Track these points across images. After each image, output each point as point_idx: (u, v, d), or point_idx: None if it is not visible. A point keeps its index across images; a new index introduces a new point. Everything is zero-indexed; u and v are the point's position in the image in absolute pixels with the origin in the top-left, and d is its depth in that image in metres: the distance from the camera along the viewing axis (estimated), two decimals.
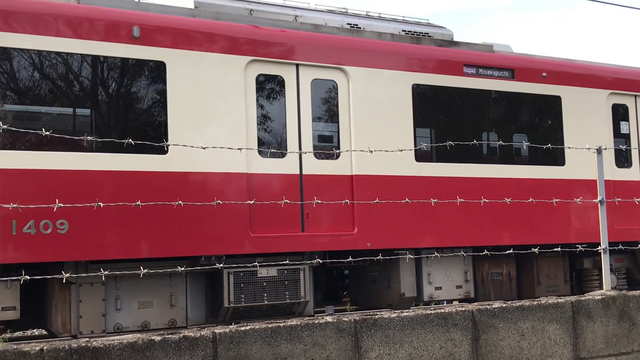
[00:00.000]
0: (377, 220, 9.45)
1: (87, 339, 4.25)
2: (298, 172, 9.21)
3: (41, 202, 7.00)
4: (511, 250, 6.89)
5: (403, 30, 10.72)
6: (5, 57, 7.86)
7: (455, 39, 11.18)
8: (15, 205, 3.89)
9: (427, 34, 10.90)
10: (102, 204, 4.32)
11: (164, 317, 8.53)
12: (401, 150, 6.49)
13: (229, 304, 8.54)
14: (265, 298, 8.79)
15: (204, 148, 5.01)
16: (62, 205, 4.16)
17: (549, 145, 7.24)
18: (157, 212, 8.04)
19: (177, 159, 8.35)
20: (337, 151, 9.21)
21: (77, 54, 8.15)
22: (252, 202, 5.32)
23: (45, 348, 4.05)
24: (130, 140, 4.58)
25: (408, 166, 9.78)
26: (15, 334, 9.91)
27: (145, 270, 4.50)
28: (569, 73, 11.42)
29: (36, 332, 11.16)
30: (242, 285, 8.66)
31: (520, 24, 53.83)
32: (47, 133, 4.23)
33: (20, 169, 7.62)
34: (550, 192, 10.43)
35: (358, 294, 10.82)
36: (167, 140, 8.10)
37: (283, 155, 9.05)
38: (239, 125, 8.81)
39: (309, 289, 9.14)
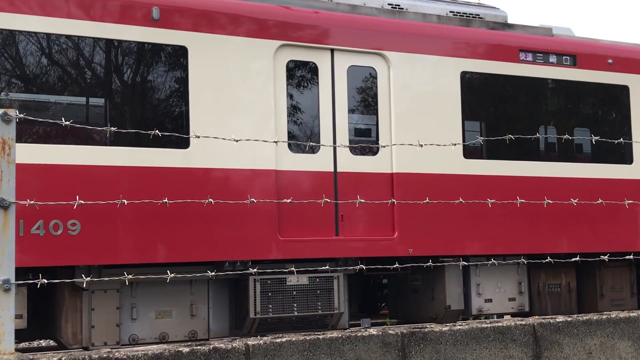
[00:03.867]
0: (419, 224, 9.44)
1: (109, 350, 4.33)
2: (332, 169, 9.24)
3: (50, 199, 7.11)
4: (577, 258, 6.81)
5: (451, 12, 10.70)
6: (11, 41, 8.00)
7: (510, 21, 11.15)
8: (32, 202, 3.98)
9: (478, 15, 10.87)
10: (126, 202, 4.39)
11: (183, 328, 8.63)
12: (454, 145, 6.48)
13: (255, 315, 8.60)
14: (295, 309, 8.85)
15: (237, 141, 5.06)
16: (82, 202, 4.24)
17: (621, 139, 7.17)
18: (178, 212, 8.12)
19: (200, 153, 8.42)
20: (379, 145, 9.21)
21: (89, 37, 8.26)
22: (290, 200, 5.35)
23: (63, 359, 4.14)
24: (157, 131, 4.65)
25: (455, 163, 9.76)
26: (21, 344, 10.07)
27: (173, 275, 4.57)
28: (638, 60, 11.32)
29: (43, 343, 11.33)
30: (269, 294, 8.71)
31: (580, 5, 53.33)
32: (67, 123, 4.31)
33: (26, 163, 7.70)
34: (616, 193, 10.33)
35: (397, 306, 10.84)
36: (188, 133, 8.17)
37: (315, 150, 9.09)
38: (267, 116, 8.87)
39: (343, 299, 9.17)
